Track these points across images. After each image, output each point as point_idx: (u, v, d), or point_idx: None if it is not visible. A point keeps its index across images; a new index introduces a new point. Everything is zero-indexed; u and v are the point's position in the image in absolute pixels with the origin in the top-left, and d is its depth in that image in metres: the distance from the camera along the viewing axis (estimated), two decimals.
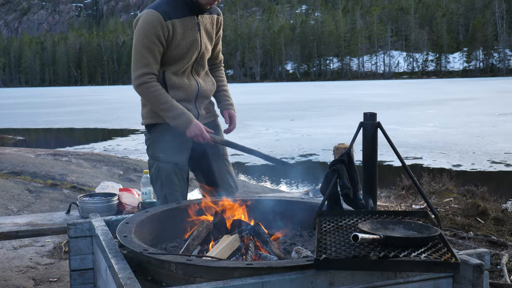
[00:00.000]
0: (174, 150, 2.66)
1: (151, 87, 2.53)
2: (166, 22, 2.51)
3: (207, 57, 2.78)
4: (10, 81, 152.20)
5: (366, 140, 2.04)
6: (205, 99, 2.80)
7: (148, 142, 2.77)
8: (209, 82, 2.83)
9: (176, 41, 2.58)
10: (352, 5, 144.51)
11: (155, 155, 2.71)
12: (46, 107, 34.16)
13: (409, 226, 1.75)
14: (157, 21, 2.49)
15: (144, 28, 2.51)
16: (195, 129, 2.55)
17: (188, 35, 2.61)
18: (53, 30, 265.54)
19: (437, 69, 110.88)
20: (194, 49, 2.65)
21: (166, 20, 2.52)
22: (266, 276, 1.54)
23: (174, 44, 2.58)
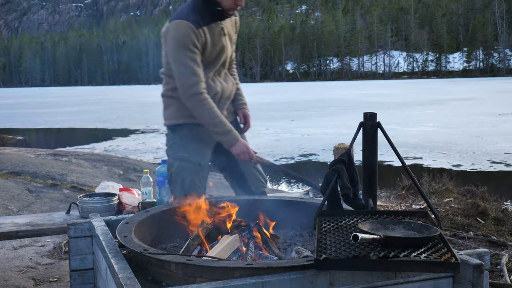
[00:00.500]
0: (198, 151, 2.68)
1: (203, 99, 2.55)
2: (199, 30, 2.54)
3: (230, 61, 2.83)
4: (10, 81, 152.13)
5: (366, 140, 2.04)
6: (227, 100, 2.82)
7: (170, 142, 2.78)
8: (230, 83, 2.85)
9: (207, 48, 2.60)
10: (352, 5, 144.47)
11: (178, 155, 2.71)
12: (46, 107, 34.16)
13: (409, 226, 1.75)
14: (190, 30, 2.51)
15: (179, 39, 2.52)
16: (242, 147, 2.59)
17: (216, 42, 2.64)
18: (53, 30, 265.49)
19: (437, 69, 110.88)
20: (221, 54, 2.70)
21: (198, 28, 2.54)
22: (266, 276, 1.54)
23: (207, 51, 2.61)
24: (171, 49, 2.57)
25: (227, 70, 2.86)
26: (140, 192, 3.02)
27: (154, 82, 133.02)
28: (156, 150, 12.65)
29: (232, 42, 2.81)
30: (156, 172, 2.84)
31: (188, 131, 2.69)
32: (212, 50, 2.63)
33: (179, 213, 2.30)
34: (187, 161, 2.68)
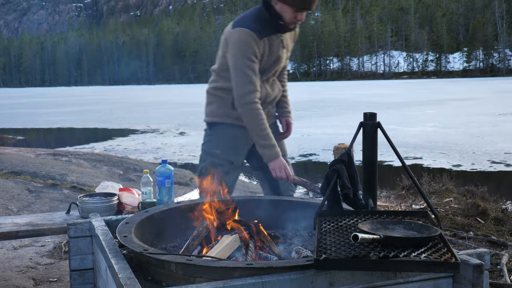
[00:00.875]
0: (233, 150, 2.76)
1: (256, 109, 2.63)
2: (260, 41, 2.61)
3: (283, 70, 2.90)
4: (10, 81, 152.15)
5: (366, 140, 2.04)
6: (269, 104, 2.87)
7: (206, 138, 2.85)
8: (276, 89, 2.90)
9: (264, 58, 2.67)
10: (352, 5, 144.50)
11: (211, 151, 2.79)
12: (46, 107, 34.16)
13: (409, 226, 1.75)
14: (253, 40, 2.58)
15: (242, 48, 2.59)
16: (280, 164, 2.66)
17: (273, 52, 2.70)
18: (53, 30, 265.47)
19: (437, 69, 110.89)
20: (276, 65, 2.76)
21: (260, 39, 2.61)
22: (266, 276, 1.54)
23: (262, 61, 2.68)
24: (232, 56, 2.64)
25: (276, 77, 2.91)
26: (140, 192, 3.02)
27: (154, 82, 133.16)
28: (156, 150, 12.66)
29: (288, 52, 2.86)
30: (156, 172, 2.85)
31: (226, 130, 2.77)
32: (268, 60, 2.69)
33: (179, 213, 2.31)
34: (220, 158, 2.75)
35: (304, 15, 2.60)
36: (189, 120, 20.68)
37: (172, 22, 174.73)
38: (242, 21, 2.66)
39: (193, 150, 12.54)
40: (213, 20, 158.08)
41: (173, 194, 2.86)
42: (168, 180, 2.84)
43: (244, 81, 2.60)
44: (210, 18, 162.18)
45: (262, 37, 2.61)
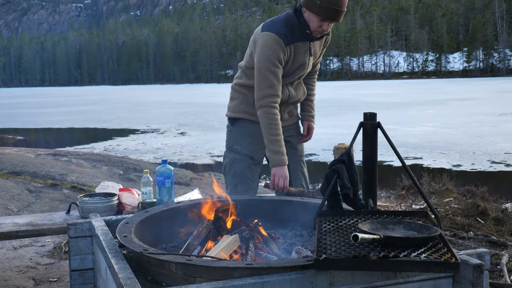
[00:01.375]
0: (253, 145, 2.81)
1: (271, 114, 2.65)
2: (287, 48, 2.64)
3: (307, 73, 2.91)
4: (10, 81, 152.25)
5: (366, 140, 2.04)
6: (291, 105, 2.93)
7: (228, 134, 2.91)
8: (301, 92, 2.94)
9: (289, 64, 2.70)
10: (352, 5, 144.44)
11: (233, 147, 2.86)
12: (46, 107, 34.17)
13: (409, 226, 1.75)
14: (279, 46, 2.61)
15: (267, 52, 2.62)
16: (281, 173, 2.68)
17: (298, 59, 2.72)
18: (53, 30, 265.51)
19: (437, 69, 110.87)
20: (300, 70, 2.78)
21: (287, 45, 2.64)
22: (266, 276, 1.54)
23: (287, 66, 2.71)
24: (257, 58, 2.67)
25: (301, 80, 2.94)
26: (140, 192, 3.02)
27: (154, 82, 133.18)
28: (156, 150, 12.66)
29: (315, 59, 2.87)
30: (156, 172, 2.84)
31: (246, 126, 2.83)
32: (292, 66, 2.72)
33: (179, 213, 2.31)
34: (240, 153, 2.82)
35: (329, 25, 2.60)
36: (189, 120, 20.68)
37: (172, 22, 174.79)
38: (271, 25, 2.68)
39: (193, 150, 12.54)
40: (213, 20, 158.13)
41: (173, 194, 2.86)
42: (168, 180, 2.83)
43: (264, 85, 2.64)
44: (210, 18, 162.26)
45: (289, 43, 2.64)
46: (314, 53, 2.81)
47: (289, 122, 2.96)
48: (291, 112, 2.96)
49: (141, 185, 2.97)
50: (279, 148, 2.68)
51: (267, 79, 2.63)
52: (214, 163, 10.69)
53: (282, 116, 2.86)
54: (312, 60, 2.84)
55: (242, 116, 2.84)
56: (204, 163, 10.86)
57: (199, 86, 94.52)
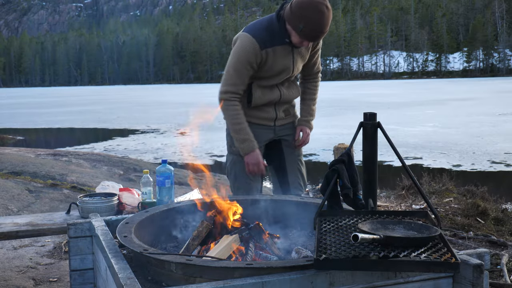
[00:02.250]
0: None
1: (231, 105, 2.73)
2: (262, 51, 2.63)
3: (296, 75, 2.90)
4: (10, 81, 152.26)
5: (366, 140, 2.04)
6: (285, 104, 2.93)
7: (228, 136, 2.96)
8: (293, 90, 2.94)
9: (268, 66, 2.70)
10: (352, 5, 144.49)
11: (231, 148, 2.91)
12: (46, 107, 34.17)
13: (409, 226, 1.75)
14: (252, 49, 2.62)
15: (239, 52, 2.66)
16: (253, 159, 2.76)
17: (279, 62, 2.72)
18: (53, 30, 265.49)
19: (437, 69, 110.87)
20: (284, 73, 2.79)
21: (262, 48, 2.63)
22: (266, 276, 1.54)
23: (265, 68, 2.71)
24: (230, 55, 2.73)
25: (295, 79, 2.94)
26: (140, 192, 3.02)
27: (154, 82, 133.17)
28: (156, 150, 12.67)
29: (303, 61, 2.84)
30: (156, 172, 2.84)
31: None
32: (274, 69, 2.72)
33: (179, 213, 2.31)
34: (239, 155, 2.85)
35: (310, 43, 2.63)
36: (189, 120, 20.67)
37: (172, 22, 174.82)
38: (252, 27, 2.72)
39: (193, 150, 12.54)
40: (213, 20, 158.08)
41: (173, 194, 2.86)
42: (168, 180, 2.83)
43: (228, 81, 2.71)
44: (210, 18, 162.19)
45: (266, 47, 2.64)
46: (300, 54, 2.78)
47: (285, 121, 2.97)
48: (287, 111, 2.97)
49: (141, 185, 2.97)
50: (245, 136, 2.74)
51: (231, 76, 2.70)
52: (214, 163, 10.69)
53: (277, 115, 2.89)
54: (300, 63, 2.82)
55: None
56: (204, 163, 10.86)
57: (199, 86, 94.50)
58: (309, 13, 2.43)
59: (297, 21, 2.47)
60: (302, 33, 2.51)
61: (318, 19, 2.44)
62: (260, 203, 2.46)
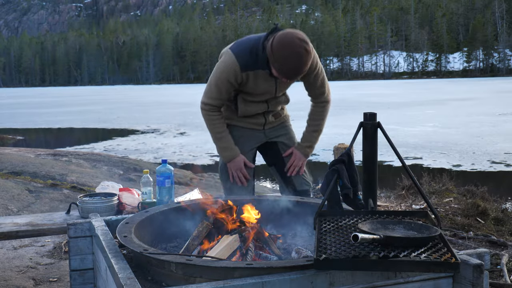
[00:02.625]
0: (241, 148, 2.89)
1: (211, 115, 2.82)
2: (242, 73, 2.68)
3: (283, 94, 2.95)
4: (10, 81, 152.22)
5: (366, 140, 2.04)
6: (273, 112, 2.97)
7: None
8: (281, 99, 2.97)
9: (249, 86, 2.76)
10: (352, 5, 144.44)
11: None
12: (46, 107, 34.17)
13: (409, 226, 1.75)
14: (233, 69, 2.67)
15: (221, 69, 2.73)
16: (235, 165, 2.84)
17: (261, 85, 2.76)
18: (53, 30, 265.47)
19: (437, 69, 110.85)
20: (267, 94, 2.83)
21: (243, 71, 2.68)
22: (266, 276, 1.54)
23: (247, 88, 2.77)
24: (214, 69, 2.79)
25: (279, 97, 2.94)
26: (140, 192, 3.02)
27: (154, 82, 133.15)
28: (156, 150, 12.66)
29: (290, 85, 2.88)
30: (156, 172, 2.85)
31: (232, 131, 2.92)
32: (256, 90, 2.78)
33: (179, 213, 2.31)
34: None
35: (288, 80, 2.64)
36: (189, 120, 20.67)
37: (172, 22, 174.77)
38: (238, 45, 2.74)
39: (193, 150, 12.54)
40: (213, 20, 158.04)
41: (173, 194, 2.86)
42: (168, 180, 2.84)
43: (208, 94, 2.79)
44: (210, 18, 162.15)
45: (247, 69, 2.67)
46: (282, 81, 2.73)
47: (276, 123, 3.00)
48: (276, 114, 2.99)
49: (141, 185, 2.97)
50: (226, 144, 2.83)
51: (211, 91, 2.77)
52: (214, 163, 10.69)
53: (266, 120, 2.94)
54: (285, 85, 2.84)
55: (228, 122, 2.91)
56: (204, 163, 10.86)
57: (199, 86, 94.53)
58: (287, 55, 2.46)
59: (276, 59, 2.50)
60: (279, 71, 2.54)
61: (296, 61, 2.48)
62: (260, 203, 2.46)
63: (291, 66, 2.49)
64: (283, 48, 2.46)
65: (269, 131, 2.98)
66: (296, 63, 2.48)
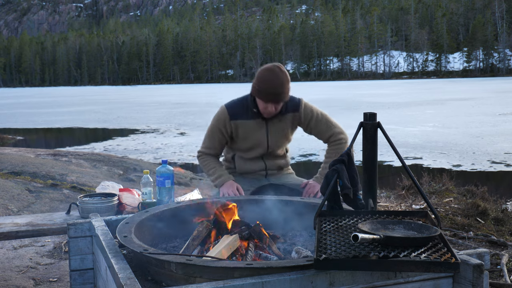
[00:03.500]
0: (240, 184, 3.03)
1: (203, 160, 3.12)
2: (231, 122, 2.97)
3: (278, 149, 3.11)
4: (10, 81, 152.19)
5: (366, 140, 2.04)
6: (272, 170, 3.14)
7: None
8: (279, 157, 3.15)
9: (240, 138, 3.01)
10: (352, 5, 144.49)
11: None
12: (46, 107, 34.16)
13: (409, 226, 1.75)
14: (222, 119, 2.99)
15: (213, 119, 3.06)
16: (225, 189, 2.94)
17: (251, 136, 3.00)
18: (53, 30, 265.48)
19: (437, 69, 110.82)
20: (260, 148, 3.04)
21: (231, 119, 2.97)
22: (266, 276, 1.54)
23: (238, 140, 3.03)
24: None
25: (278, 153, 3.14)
26: (140, 192, 3.02)
27: (154, 82, 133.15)
28: (156, 150, 12.66)
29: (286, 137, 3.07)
30: (156, 172, 2.85)
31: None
32: (245, 141, 3.02)
33: (179, 213, 2.31)
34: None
35: (273, 107, 2.86)
36: (189, 120, 20.67)
37: (172, 22, 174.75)
38: (231, 100, 3.07)
39: (193, 150, 12.54)
40: (213, 20, 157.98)
41: (173, 195, 2.86)
42: (168, 180, 2.84)
43: (202, 144, 3.14)
44: (210, 18, 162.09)
45: (236, 119, 2.96)
46: (278, 130, 3.00)
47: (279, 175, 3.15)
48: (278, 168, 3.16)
49: (141, 185, 2.97)
50: (218, 173, 3.01)
51: (205, 140, 3.11)
52: None
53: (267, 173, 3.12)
54: (280, 138, 3.02)
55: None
56: None
57: (199, 86, 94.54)
58: (262, 73, 2.82)
59: (256, 84, 2.84)
60: (260, 95, 2.83)
61: (270, 77, 2.79)
62: (260, 203, 2.46)
63: (268, 84, 2.78)
64: (261, 71, 2.85)
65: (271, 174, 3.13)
66: (271, 78, 2.79)
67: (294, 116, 3.02)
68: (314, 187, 2.98)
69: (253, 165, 3.08)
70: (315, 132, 3.08)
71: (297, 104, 3.03)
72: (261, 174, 3.12)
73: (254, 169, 3.09)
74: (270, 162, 3.10)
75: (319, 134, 3.08)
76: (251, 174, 3.11)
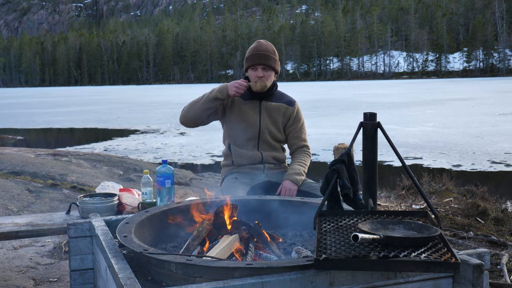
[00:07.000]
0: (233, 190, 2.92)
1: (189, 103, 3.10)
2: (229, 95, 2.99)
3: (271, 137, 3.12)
4: (10, 81, 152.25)
5: (366, 140, 2.04)
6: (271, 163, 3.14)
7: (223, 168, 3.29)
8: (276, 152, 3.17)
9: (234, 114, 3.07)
10: (352, 5, 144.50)
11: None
12: (46, 107, 34.16)
13: (409, 226, 1.75)
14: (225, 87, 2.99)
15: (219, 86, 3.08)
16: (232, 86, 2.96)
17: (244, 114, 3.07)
18: (53, 30, 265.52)
19: (437, 69, 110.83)
20: (251, 127, 3.07)
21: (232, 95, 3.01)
22: (266, 276, 1.54)
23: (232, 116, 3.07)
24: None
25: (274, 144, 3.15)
26: (140, 192, 3.02)
27: (154, 82, 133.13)
28: (156, 150, 12.66)
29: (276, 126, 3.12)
30: (156, 172, 2.84)
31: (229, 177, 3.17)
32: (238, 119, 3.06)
33: (179, 213, 2.31)
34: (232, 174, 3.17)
35: (260, 71, 3.01)
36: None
37: (172, 22, 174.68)
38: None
39: (193, 150, 12.54)
40: (213, 20, 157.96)
41: (173, 195, 2.86)
42: (168, 180, 2.83)
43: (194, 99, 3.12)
44: (210, 18, 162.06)
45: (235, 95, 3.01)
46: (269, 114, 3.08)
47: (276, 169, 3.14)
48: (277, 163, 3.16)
49: (141, 185, 2.97)
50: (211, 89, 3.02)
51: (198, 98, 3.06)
52: (214, 163, 10.69)
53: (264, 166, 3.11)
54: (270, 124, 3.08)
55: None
56: (204, 163, 10.86)
57: (199, 86, 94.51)
58: (250, 46, 3.10)
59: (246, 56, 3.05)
60: (249, 61, 3.03)
61: (257, 44, 3.08)
62: (260, 203, 2.46)
63: (255, 49, 3.01)
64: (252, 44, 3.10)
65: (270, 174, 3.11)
66: (259, 46, 3.03)
67: (287, 109, 3.14)
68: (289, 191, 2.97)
69: (249, 154, 3.07)
70: (292, 136, 3.16)
71: (292, 101, 3.18)
72: (258, 168, 3.09)
73: (250, 160, 3.07)
74: (266, 153, 3.10)
75: (295, 138, 3.16)
76: (248, 168, 3.09)
